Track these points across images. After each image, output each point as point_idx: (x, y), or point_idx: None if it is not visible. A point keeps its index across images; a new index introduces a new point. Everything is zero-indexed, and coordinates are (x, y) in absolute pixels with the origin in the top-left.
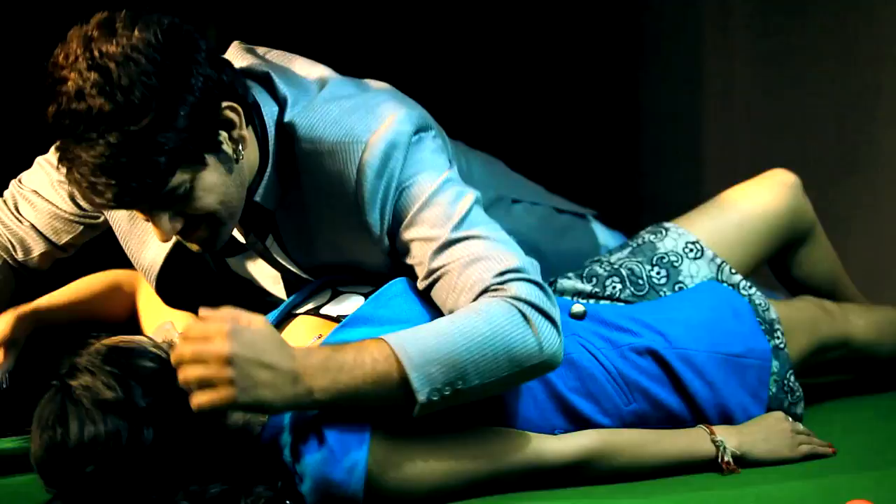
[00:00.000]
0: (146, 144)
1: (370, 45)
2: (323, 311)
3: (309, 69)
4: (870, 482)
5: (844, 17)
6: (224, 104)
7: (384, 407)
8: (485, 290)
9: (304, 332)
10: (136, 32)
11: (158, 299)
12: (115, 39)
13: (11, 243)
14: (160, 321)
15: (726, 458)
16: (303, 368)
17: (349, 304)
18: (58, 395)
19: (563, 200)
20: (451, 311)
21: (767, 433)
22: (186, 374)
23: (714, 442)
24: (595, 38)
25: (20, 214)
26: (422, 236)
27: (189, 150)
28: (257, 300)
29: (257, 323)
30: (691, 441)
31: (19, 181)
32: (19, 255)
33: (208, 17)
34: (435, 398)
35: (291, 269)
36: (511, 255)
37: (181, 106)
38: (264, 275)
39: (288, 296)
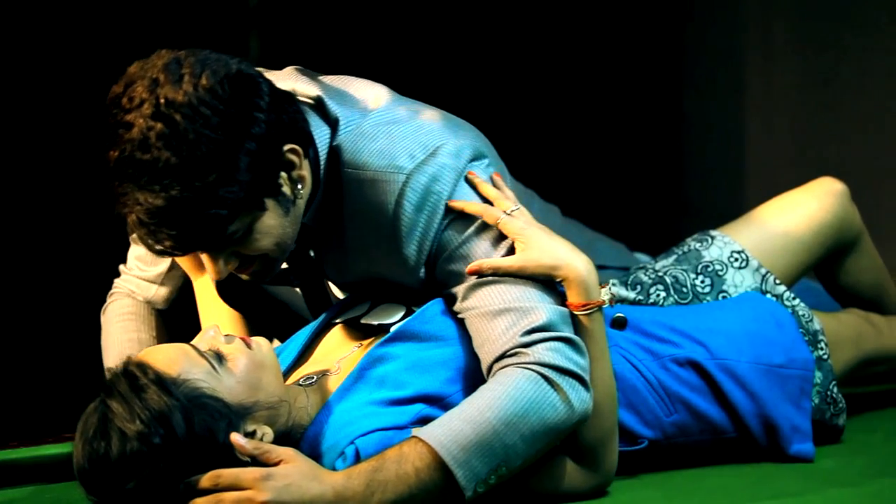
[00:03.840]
0: (209, 198)
1: (409, 56)
2: (363, 320)
3: (364, 90)
4: None
5: (885, 22)
6: (286, 147)
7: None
8: (511, 349)
9: (344, 340)
10: (203, 80)
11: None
12: (181, 87)
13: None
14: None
15: None
16: (345, 498)
17: (389, 315)
18: (101, 406)
19: (611, 247)
20: (477, 352)
21: None
22: None
23: None
24: (639, 50)
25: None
26: (460, 271)
27: (250, 198)
28: (296, 318)
29: (288, 457)
30: None
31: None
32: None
33: (250, 25)
34: (480, 489)
35: (331, 287)
36: (541, 307)
37: (244, 157)
38: (299, 302)
39: (314, 316)
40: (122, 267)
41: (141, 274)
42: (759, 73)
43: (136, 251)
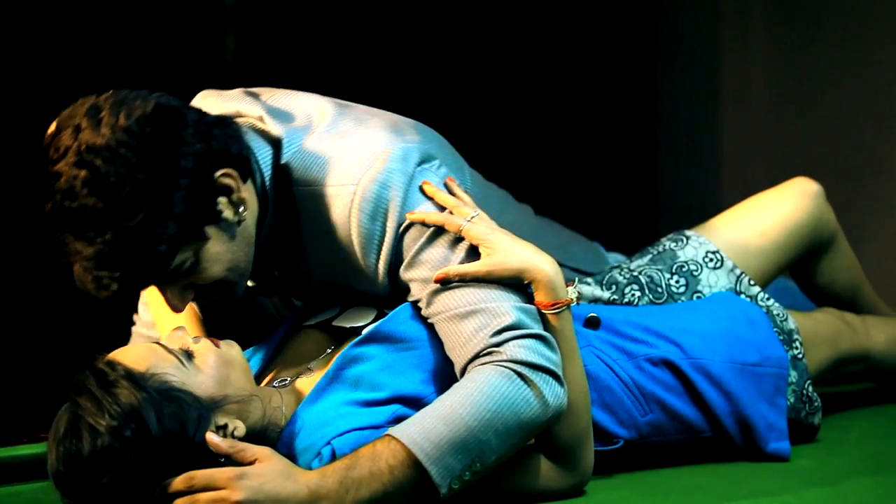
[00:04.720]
0: (144, 237)
1: (383, 55)
2: (335, 322)
3: (309, 106)
4: (886, 489)
5: (861, 23)
6: (218, 173)
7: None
8: (484, 350)
9: (316, 343)
10: (121, 121)
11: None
12: (100, 131)
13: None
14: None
15: None
16: (319, 497)
17: (361, 318)
18: (71, 406)
19: (586, 250)
20: (449, 355)
21: None
22: None
23: None
24: (613, 46)
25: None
26: (420, 277)
27: (188, 229)
28: (268, 320)
29: (263, 456)
30: None
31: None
32: None
33: (227, 25)
34: (455, 486)
35: (293, 301)
36: (509, 306)
37: (174, 192)
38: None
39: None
40: (134, 316)
41: (146, 319)
42: (735, 70)
43: (142, 296)
